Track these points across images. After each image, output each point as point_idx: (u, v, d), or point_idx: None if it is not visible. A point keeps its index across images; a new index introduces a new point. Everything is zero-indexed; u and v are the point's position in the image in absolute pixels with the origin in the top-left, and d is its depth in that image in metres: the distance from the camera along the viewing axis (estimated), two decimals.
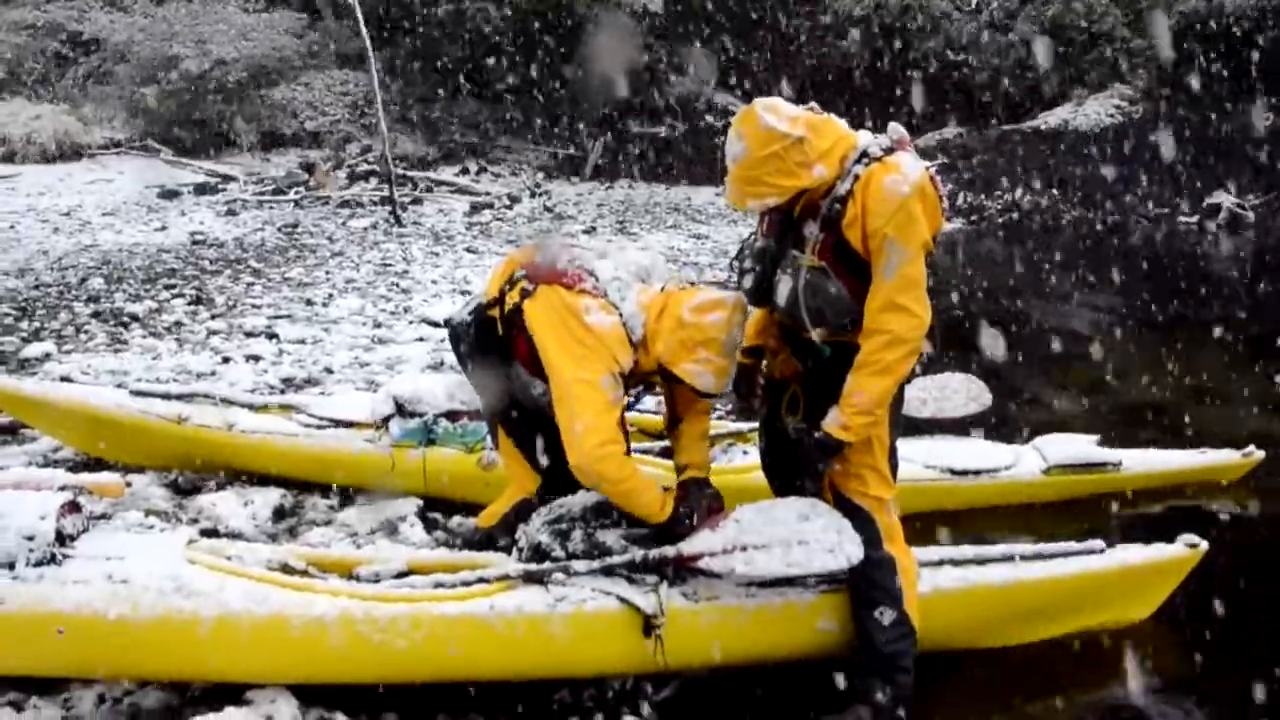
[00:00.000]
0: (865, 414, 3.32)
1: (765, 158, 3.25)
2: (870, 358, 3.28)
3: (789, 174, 3.26)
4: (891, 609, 3.45)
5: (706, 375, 3.65)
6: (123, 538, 3.63)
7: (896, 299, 3.25)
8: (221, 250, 13.25)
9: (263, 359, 7.66)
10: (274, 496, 5.00)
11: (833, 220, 3.33)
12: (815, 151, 3.26)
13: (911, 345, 3.28)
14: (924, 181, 3.28)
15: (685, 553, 3.48)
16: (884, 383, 3.30)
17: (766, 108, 3.29)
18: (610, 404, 3.54)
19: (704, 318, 3.63)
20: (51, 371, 7.09)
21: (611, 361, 3.57)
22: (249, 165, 21.57)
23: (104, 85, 23.90)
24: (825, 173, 3.29)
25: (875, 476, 3.54)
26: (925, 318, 3.29)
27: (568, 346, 3.57)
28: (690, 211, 19.60)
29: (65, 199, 17.64)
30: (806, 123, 3.30)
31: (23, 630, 3.25)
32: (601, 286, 3.70)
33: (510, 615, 3.37)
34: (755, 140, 3.26)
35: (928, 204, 3.28)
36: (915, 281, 3.27)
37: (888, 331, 3.25)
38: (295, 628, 3.26)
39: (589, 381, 3.51)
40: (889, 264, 3.25)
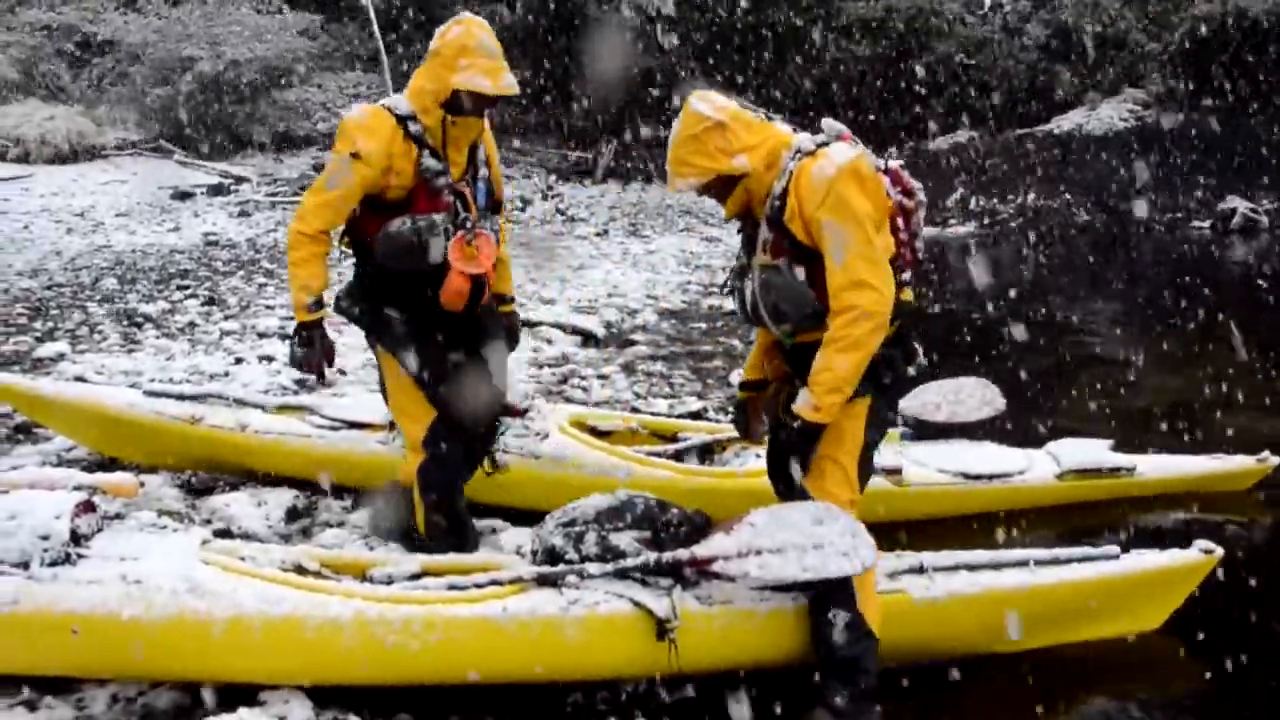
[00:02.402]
0: (835, 391, 3.39)
1: (687, 138, 3.47)
2: (837, 334, 3.34)
3: (708, 155, 3.44)
4: (845, 611, 3.43)
5: (478, 77, 3.96)
6: (137, 538, 3.63)
7: (855, 276, 3.30)
8: (234, 251, 13.30)
9: (276, 360, 7.66)
10: (287, 497, 5.00)
11: (776, 218, 3.45)
12: (737, 141, 3.45)
13: (877, 319, 3.33)
14: (855, 163, 3.36)
15: (699, 556, 3.47)
16: (853, 357, 3.35)
17: (698, 96, 3.52)
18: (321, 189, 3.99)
19: (446, 37, 4.01)
20: (65, 371, 7.11)
21: (343, 141, 3.94)
22: (262, 166, 21.61)
23: (118, 86, 23.96)
24: (745, 163, 3.44)
25: (836, 471, 3.56)
26: (886, 290, 3.33)
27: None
28: (702, 215, 19.59)
29: (79, 200, 17.69)
30: (732, 114, 3.49)
31: (37, 630, 3.25)
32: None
33: (524, 617, 3.37)
34: (683, 123, 3.49)
35: (863, 183, 3.36)
36: (868, 257, 3.32)
37: (852, 307, 3.30)
38: (309, 629, 3.26)
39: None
40: (834, 245, 3.33)
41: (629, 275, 12.87)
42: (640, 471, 4.77)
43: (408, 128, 3.99)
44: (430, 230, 4.00)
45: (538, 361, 8.01)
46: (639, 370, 7.82)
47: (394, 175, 3.97)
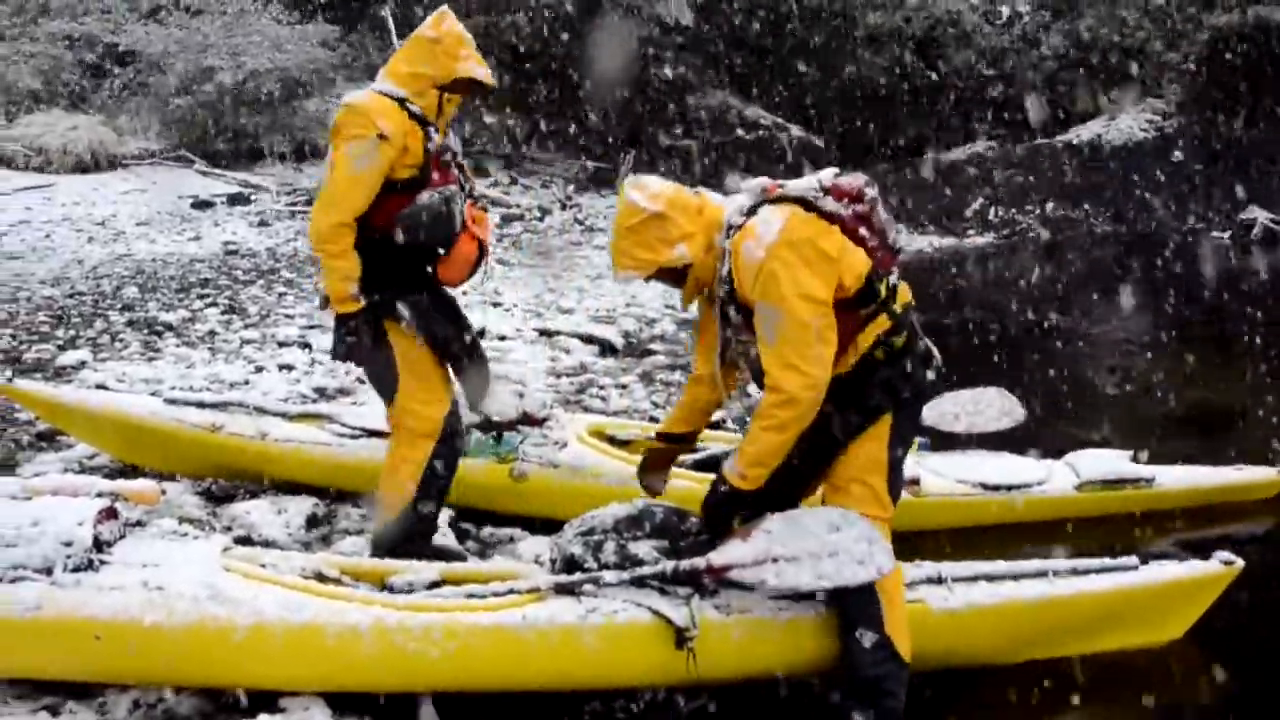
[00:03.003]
0: (759, 464, 3.44)
1: (625, 230, 3.46)
2: (765, 411, 3.36)
3: (648, 248, 3.44)
4: (872, 631, 3.42)
5: (477, 67, 4.16)
6: (159, 545, 3.64)
7: (785, 359, 3.29)
8: (254, 260, 13.36)
9: (295, 368, 7.70)
10: (306, 505, 5.02)
11: (732, 300, 3.47)
12: (676, 230, 3.43)
13: (806, 404, 3.31)
14: (782, 234, 3.32)
15: (715, 564, 3.47)
16: (777, 438, 3.37)
17: (633, 184, 3.51)
18: (348, 174, 3.93)
19: (443, 26, 4.12)
20: (87, 379, 7.15)
21: (364, 126, 3.91)
22: (281, 176, 21.69)
23: (139, 96, 24.09)
24: (686, 253, 3.44)
25: (867, 494, 3.54)
26: (817, 374, 3.29)
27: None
28: None
29: (100, 209, 17.80)
30: (669, 201, 3.45)
31: (60, 635, 3.26)
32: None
33: (542, 626, 3.38)
34: (621, 214, 3.48)
35: (797, 250, 3.31)
36: (801, 339, 3.29)
37: (782, 391, 3.30)
38: (329, 636, 3.28)
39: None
40: (766, 326, 3.33)
41: (647, 285, 12.85)
42: None
43: (408, 109, 4.05)
44: (454, 200, 4.10)
45: (556, 371, 8.02)
46: (657, 380, 7.84)
47: (407, 154, 4.03)
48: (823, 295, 3.30)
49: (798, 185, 3.50)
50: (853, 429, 3.50)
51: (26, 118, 22.47)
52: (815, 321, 3.28)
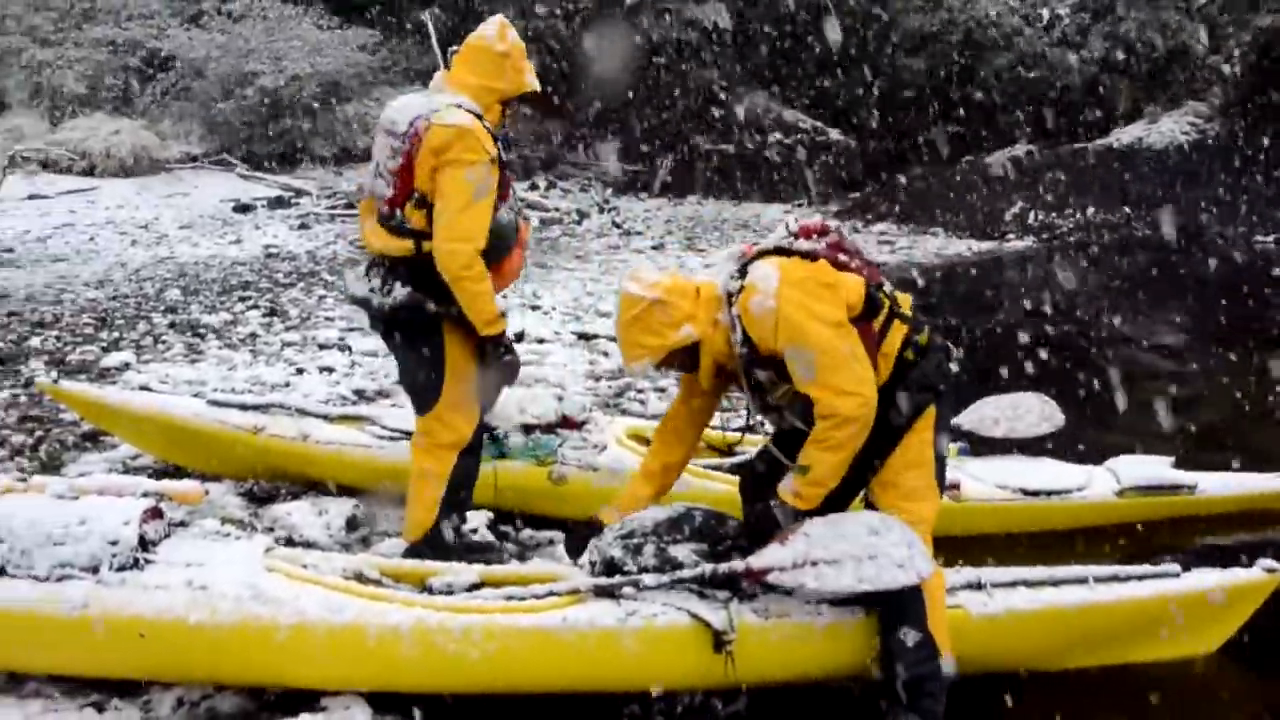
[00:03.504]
0: (819, 485, 3.52)
1: (630, 321, 3.57)
2: (821, 435, 3.44)
3: (655, 333, 3.55)
4: (915, 631, 3.43)
5: (534, 78, 4.23)
6: (202, 544, 3.68)
7: (833, 385, 3.37)
8: (295, 263, 13.43)
9: (335, 370, 7.76)
10: (347, 507, 5.06)
11: (756, 359, 3.53)
12: (678, 313, 3.54)
13: (862, 421, 3.41)
14: (783, 278, 3.44)
15: (754, 567, 3.47)
16: (837, 458, 3.47)
17: (629, 277, 3.62)
18: (472, 200, 3.93)
19: (509, 39, 4.16)
20: (131, 381, 7.23)
21: (480, 151, 3.93)
22: (322, 180, 21.80)
23: (181, 101, 24.30)
24: (693, 332, 3.54)
25: (919, 498, 3.61)
26: (866, 391, 3.40)
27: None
28: (759, 229, 19.56)
29: (143, 212, 17.96)
30: (665, 287, 3.56)
31: (106, 633, 3.31)
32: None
33: (582, 628, 3.39)
34: (622, 307, 3.60)
35: (802, 288, 3.43)
36: (840, 364, 3.38)
37: (835, 414, 3.38)
38: (370, 636, 3.30)
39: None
40: (800, 366, 3.41)
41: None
42: (696, 484, 4.78)
43: (484, 124, 4.07)
44: (520, 212, 4.22)
45: (595, 374, 8.04)
46: None
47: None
48: (840, 317, 3.42)
49: (769, 240, 3.67)
50: (900, 430, 3.57)
51: (71, 122, 22.73)
52: (844, 343, 3.40)
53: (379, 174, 4.09)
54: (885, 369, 3.55)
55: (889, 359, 3.56)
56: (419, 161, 3.95)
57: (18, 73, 24.78)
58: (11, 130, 21.93)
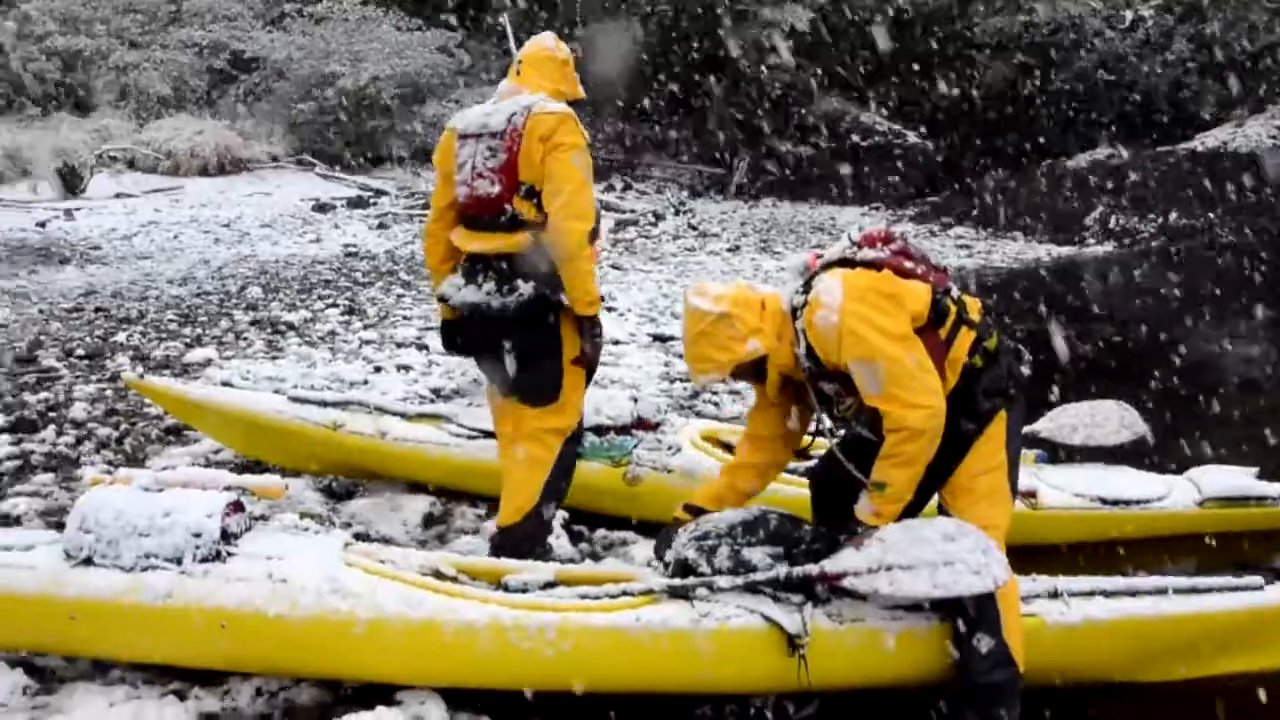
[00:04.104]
0: (895, 502, 3.52)
1: (697, 335, 3.58)
2: (892, 450, 3.43)
3: (722, 348, 3.56)
4: (990, 637, 3.39)
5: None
6: (282, 538, 3.74)
7: (900, 398, 3.35)
8: (373, 262, 13.58)
9: (413, 369, 7.83)
10: (423, 504, 5.12)
11: (822, 373, 3.53)
12: (745, 326, 3.55)
13: (931, 433, 3.39)
14: (847, 292, 3.41)
15: (829, 571, 3.46)
16: (910, 472, 3.46)
17: (694, 292, 3.64)
18: (583, 181, 4.03)
19: (563, 49, 4.34)
20: (213, 377, 7.34)
21: (581, 136, 4.06)
22: (400, 180, 22.05)
23: (263, 102, 24.69)
24: (759, 346, 3.55)
25: (992, 502, 3.57)
26: (934, 403, 3.38)
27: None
28: (834, 231, 19.47)
29: (225, 211, 18.28)
30: (732, 300, 3.57)
31: (188, 623, 3.36)
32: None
33: (655, 629, 3.39)
34: (688, 322, 3.62)
35: (868, 302, 3.41)
36: (907, 376, 3.36)
37: (905, 428, 3.36)
38: (446, 632, 3.33)
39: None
40: (866, 380, 3.39)
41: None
42: (770, 487, 4.75)
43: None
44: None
45: (669, 376, 8.04)
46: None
47: None
48: (904, 330, 3.40)
49: (833, 250, 3.66)
50: (971, 436, 3.54)
51: (156, 122, 23.20)
52: (909, 356, 3.37)
53: (476, 177, 4.08)
54: (953, 376, 3.52)
55: (957, 365, 3.52)
56: (524, 151, 4.00)
57: (106, 74, 25.33)
58: (99, 130, 22.42)
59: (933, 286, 3.53)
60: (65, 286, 11.17)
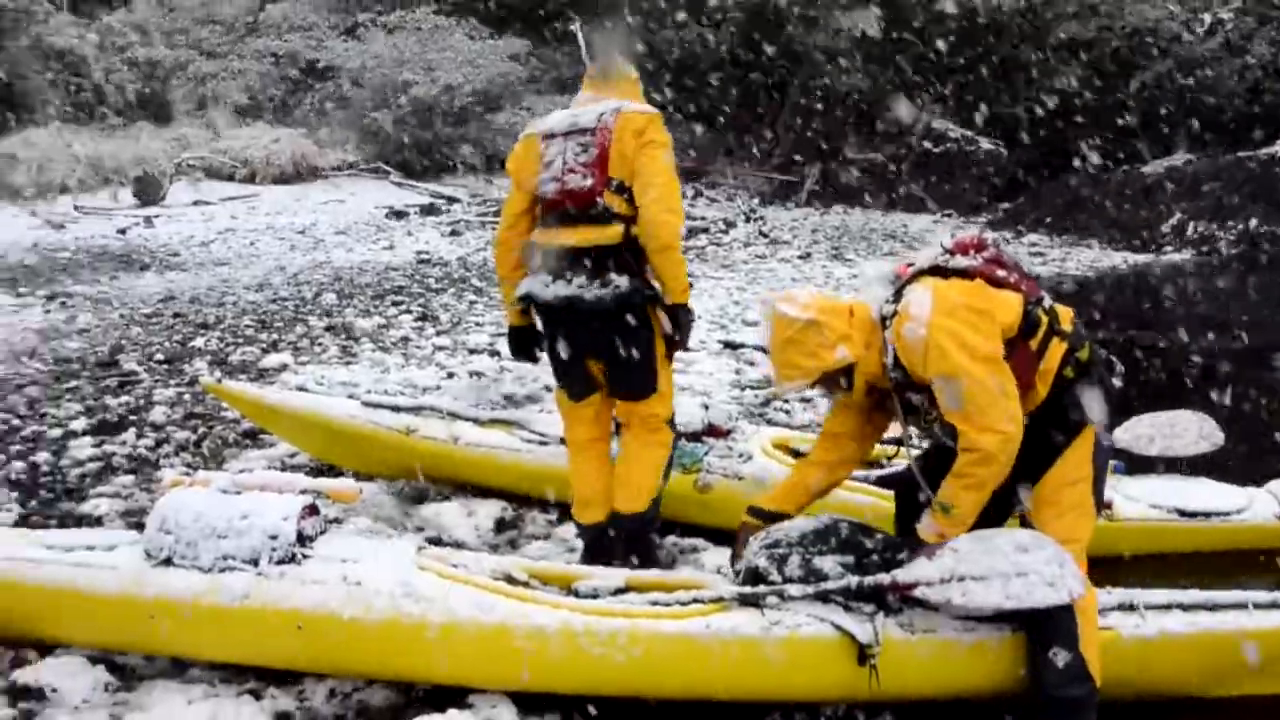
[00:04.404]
0: (960, 525, 3.48)
1: (784, 342, 3.55)
2: (963, 470, 3.40)
3: (810, 355, 3.52)
4: (1066, 651, 3.34)
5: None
6: (357, 541, 3.79)
7: (978, 421, 3.32)
8: (446, 269, 13.69)
9: (485, 375, 7.88)
10: (495, 509, 5.15)
11: (908, 384, 3.50)
12: (834, 333, 3.51)
13: (1004, 460, 3.35)
14: (939, 305, 3.37)
15: (900, 581, 3.43)
16: (978, 496, 3.43)
17: (782, 299, 3.61)
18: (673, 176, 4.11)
19: (630, 65, 4.43)
20: (289, 382, 7.44)
21: (668, 135, 4.17)
22: (472, 187, 22.21)
23: (338, 110, 24.99)
24: (848, 354, 3.51)
25: (1076, 515, 3.53)
26: (1011, 430, 3.33)
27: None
28: (906, 239, 19.35)
29: (301, 218, 18.54)
30: (819, 307, 3.54)
31: (265, 624, 3.41)
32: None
33: (725, 636, 3.39)
34: (775, 328, 3.58)
35: (958, 318, 3.36)
36: (988, 399, 3.32)
37: (979, 449, 3.33)
38: (518, 637, 3.35)
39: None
40: (948, 396, 3.36)
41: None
42: (841, 496, 4.72)
43: None
44: None
45: (741, 383, 8.03)
46: (835, 396, 7.77)
47: None
48: (992, 351, 3.35)
49: (924, 257, 3.61)
50: (1058, 447, 3.51)
51: (234, 131, 23.59)
52: (993, 379, 3.32)
53: (568, 171, 4.11)
54: (1044, 387, 3.49)
55: (1048, 377, 3.49)
56: (617, 147, 4.07)
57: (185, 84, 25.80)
58: (178, 139, 22.85)
59: (1025, 296, 3.50)
60: (145, 292, 11.38)
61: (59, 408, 6.78)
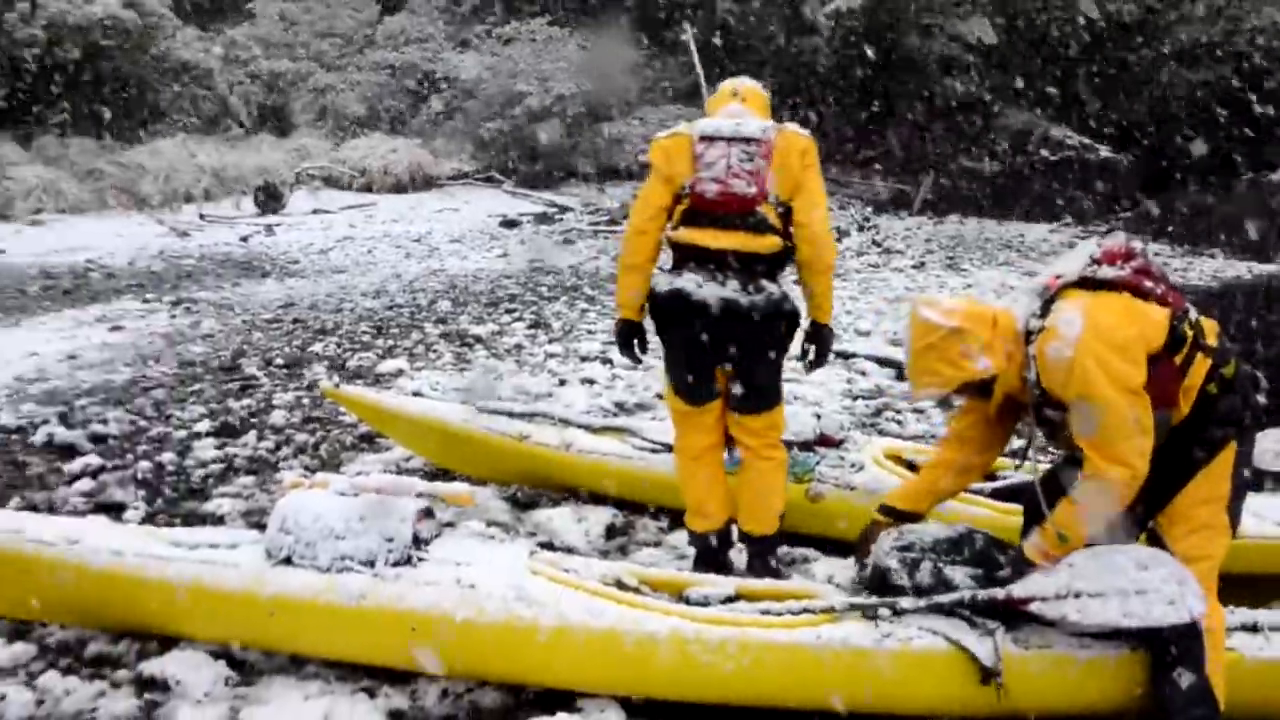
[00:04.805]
0: (1068, 550, 3.40)
1: (924, 349, 3.47)
2: (1083, 498, 3.33)
3: (950, 364, 3.44)
4: (1191, 673, 3.25)
5: None
6: (470, 545, 3.84)
7: (1109, 452, 3.25)
8: (558, 277, 13.77)
9: (597, 383, 7.93)
10: (606, 515, 5.18)
11: (1048, 402, 3.42)
12: (977, 343, 3.42)
13: (1126, 495, 3.27)
14: (1089, 328, 3.26)
15: (1016, 595, 3.38)
16: (1093, 526, 3.36)
17: (924, 303, 3.52)
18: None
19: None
20: (404, 387, 7.57)
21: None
22: (585, 196, 22.34)
23: (453, 120, 25.35)
24: (990, 365, 3.42)
25: (1209, 533, 3.42)
26: (1139, 466, 3.24)
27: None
28: (1023, 248, 19.01)
29: (416, 226, 18.83)
30: (964, 314, 3.45)
31: (380, 624, 3.48)
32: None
33: (836, 647, 3.37)
34: (915, 333, 3.50)
35: (1107, 342, 3.24)
36: (1123, 432, 3.24)
37: (1103, 479, 3.26)
38: (628, 642, 3.36)
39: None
40: (1084, 422, 3.28)
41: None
42: (956, 508, 4.67)
43: None
44: None
45: (852, 393, 7.97)
46: (955, 404, 7.67)
47: None
48: (1138, 382, 3.25)
49: (1073, 267, 3.49)
50: (1197, 464, 3.41)
51: (352, 141, 24.09)
52: (1133, 412, 3.23)
53: (733, 175, 4.12)
54: (1186, 404, 3.38)
55: (1191, 393, 3.38)
56: (780, 162, 4.13)
57: (305, 95, 26.39)
58: (298, 149, 23.38)
59: (1171, 310, 3.39)
60: (266, 299, 11.64)
61: (184, 410, 6.98)
